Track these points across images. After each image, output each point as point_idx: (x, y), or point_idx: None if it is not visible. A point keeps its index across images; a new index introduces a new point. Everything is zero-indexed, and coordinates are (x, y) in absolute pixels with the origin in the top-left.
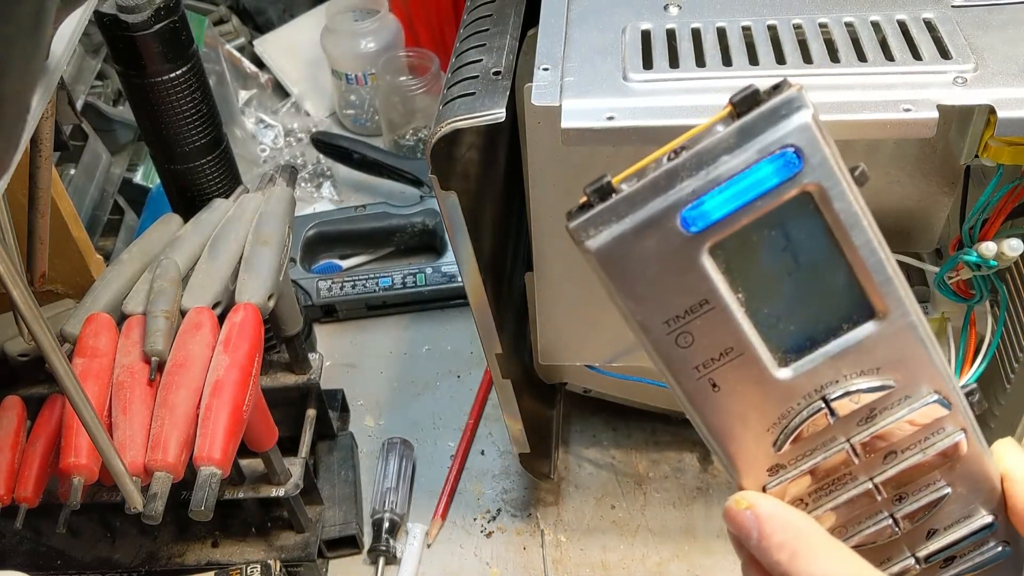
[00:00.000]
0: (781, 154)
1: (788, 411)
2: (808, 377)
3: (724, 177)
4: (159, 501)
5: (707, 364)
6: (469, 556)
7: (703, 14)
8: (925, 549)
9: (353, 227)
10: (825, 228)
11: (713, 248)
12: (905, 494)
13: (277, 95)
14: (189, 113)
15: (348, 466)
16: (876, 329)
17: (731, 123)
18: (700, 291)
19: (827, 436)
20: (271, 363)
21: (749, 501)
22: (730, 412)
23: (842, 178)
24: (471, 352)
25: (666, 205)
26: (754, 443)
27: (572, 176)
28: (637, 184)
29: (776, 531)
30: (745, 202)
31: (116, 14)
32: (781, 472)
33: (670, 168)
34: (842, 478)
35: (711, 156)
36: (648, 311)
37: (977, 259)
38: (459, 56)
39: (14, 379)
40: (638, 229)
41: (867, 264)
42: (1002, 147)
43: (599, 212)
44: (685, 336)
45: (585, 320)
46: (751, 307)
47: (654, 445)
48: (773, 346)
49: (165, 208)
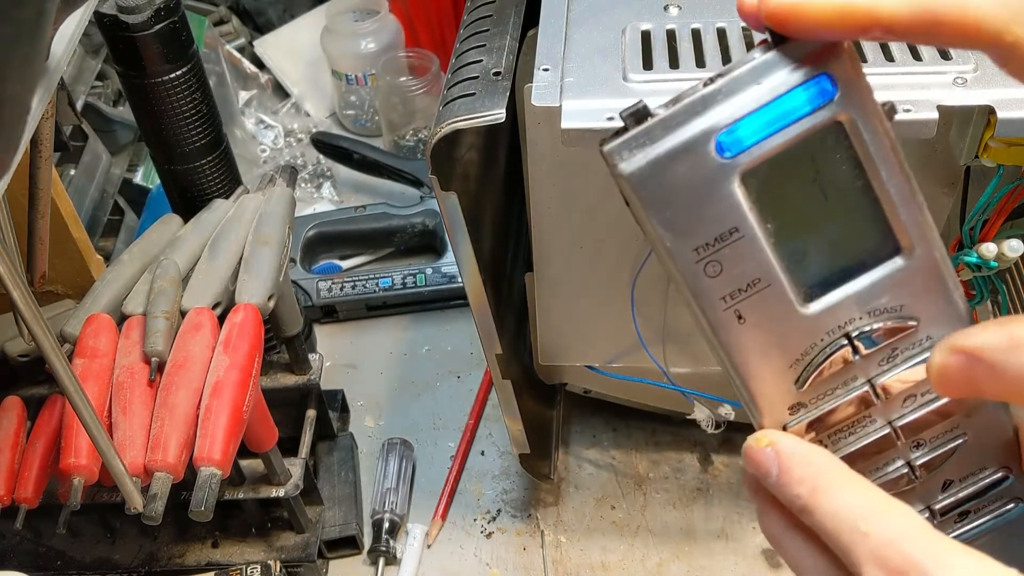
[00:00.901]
0: (816, 81)
1: (811, 347)
2: (833, 313)
3: (759, 103)
4: (159, 502)
5: (734, 295)
6: (469, 557)
7: (703, 15)
8: (940, 502)
9: (353, 228)
10: (855, 160)
11: (745, 175)
12: (922, 441)
13: (277, 96)
14: (189, 114)
15: (348, 467)
16: (901, 265)
17: (767, 51)
18: (730, 219)
19: (848, 375)
20: (271, 364)
21: (770, 438)
22: (754, 346)
23: (874, 111)
24: (471, 353)
25: (701, 129)
26: (777, 380)
27: (572, 177)
28: (673, 108)
29: (796, 466)
30: (778, 128)
31: (116, 15)
32: (802, 411)
33: (706, 93)
34: (861, 420)
35: (746, 82)
36: (678, 237)
37: (977, 260)
38: (459, 56)
39: (14, 379)
40: (672, 153)
41: (895, 198)
42: (1002, 148)
43: (634, 136)
44: (714, 265)
45: (585, 321)
46: (779, 238)
47: (654, 445)
48: (799, 280)
49: (165, 208)
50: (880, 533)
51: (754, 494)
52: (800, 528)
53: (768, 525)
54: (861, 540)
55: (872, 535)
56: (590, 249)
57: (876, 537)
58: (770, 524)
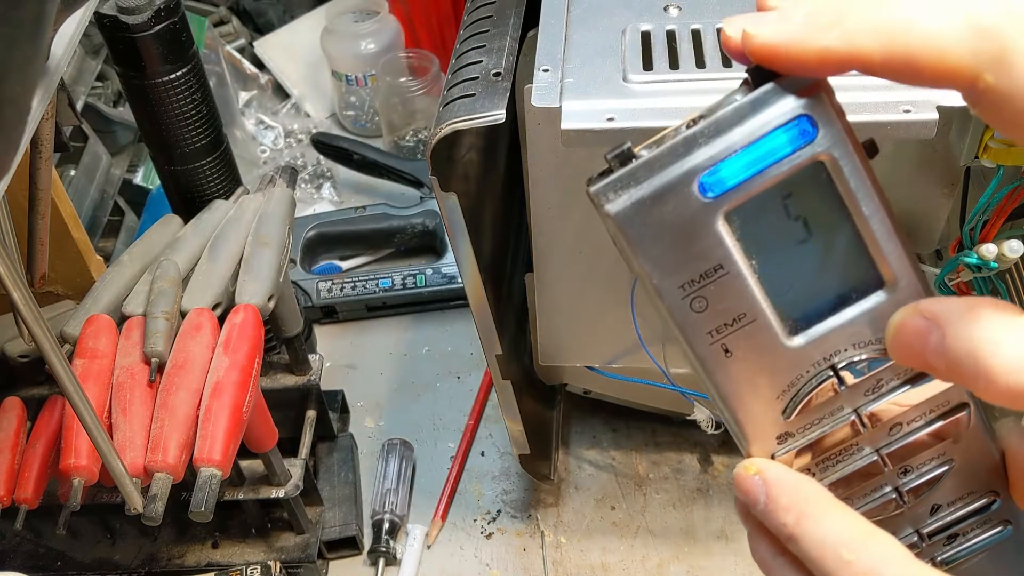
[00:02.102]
0: (797, 122)
1: (797, 378)
2: (817, 345)
3: (740, 144)
4: (159, 502)
5: (720, 329)
6: (469, 557)
7: (703, 15)
8: (929, 526)
9: (353, 228)
10: (836, 197)
11: (728, 214)
12: (910, 467)
13: (277, 96)
14: (189, 114)
15: (348, 467)
16: (885, 298)
17: (748, 93)
18: (715, 256)
19: (835, 405)
20: (271, 364)
21: (757, 467)
22: (741, 378)
23: (854, 149)
24: (471, 353)
25: (684, 171)
26: (764, 410)
27: (572, 177)
28: (656, 150)
29: (783, 494)
30: (760, 169)
31: (116, 15)
32: (789, 440)
33: (688, 135)
34: (848, 449)
35: (728, 124)
36: (665, 275)
37: (977, 261)
38: (459, 57)
39: (14, 380)
40: (656, 194)
41: (876, 234)
42: (1002, 148)
43: (619, 177)
44: (700, 301)
45: (585, 321)
46: (763, 274)
47: (654, 446)
48: (784, 313)
49: (165, 209)
50: (863, 561)
51: (744, 519)
52: (788, 555)
53: (758, 551)
54: (845, 568)
55: (855, 563)
56: (590, 249)
57: (858, 565)
58: (760, 550)
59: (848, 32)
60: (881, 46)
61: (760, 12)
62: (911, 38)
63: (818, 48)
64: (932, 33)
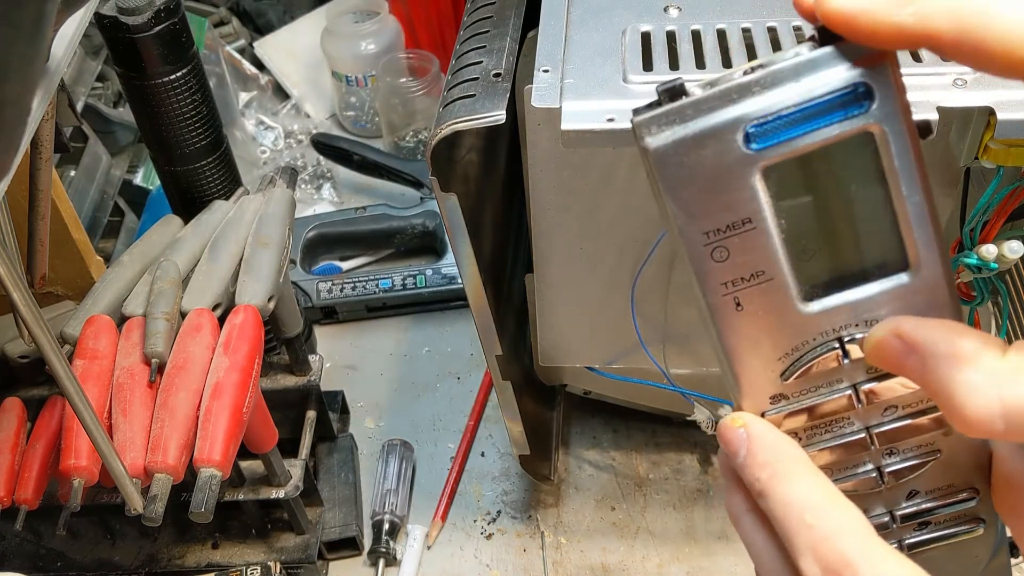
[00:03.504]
0: (855, 89)
1: (802, 344)
2: (829, 315)
3: (794, 101)
4: (159, 503)
5: (736, 282)
6: (469, 558)
7: (703, 16)
8: (903, 509)
9: (353, 229)
10: (879, 172)
11: (767, 169)
12: (896, 449)
13: (277, 97)
14: (189, 115)
15: (348, 468)
16: (906, 282)
17: (813, 50)
18: (745, 209)
19: (834, 377)
20: (271, 365)
21: (744, 420)
22: (747, 334)
23: (905, 126)
24: (471, 354)
25: (733, 117)
26: (763, 368)
27: (572, 178)
28: (709, 91)
29: (762, 451)
30: (809, 129)
31: (116, 16)
32: (782, 402)
33: (744, 82)
34: (839, 421)
35: (786, 78)
36: (691, 219)
37: (977, 261)
38: (459, 58)
39: (14, 381)
40: (700, 136)
41: (911, 215)
42: (1002, 149)
43: (666, 112)
44: (721, 251)
45: (585, 322)
46: (790, 236)
47: (654, 447)
48: (802, 278)
49: (165, 210)
50: (822, 527)
51: (724, 471)
52: (758, 512)
53: (731, 503)
54: (804, 531)
55: (815, 528)
56: (590, 250)
57: (818, 531)
58: (733, 502)
59: (924, 10)
60: (955, 29)
61: None
62: (985, 25)
63: (892, 23)
64: (1007, 23)
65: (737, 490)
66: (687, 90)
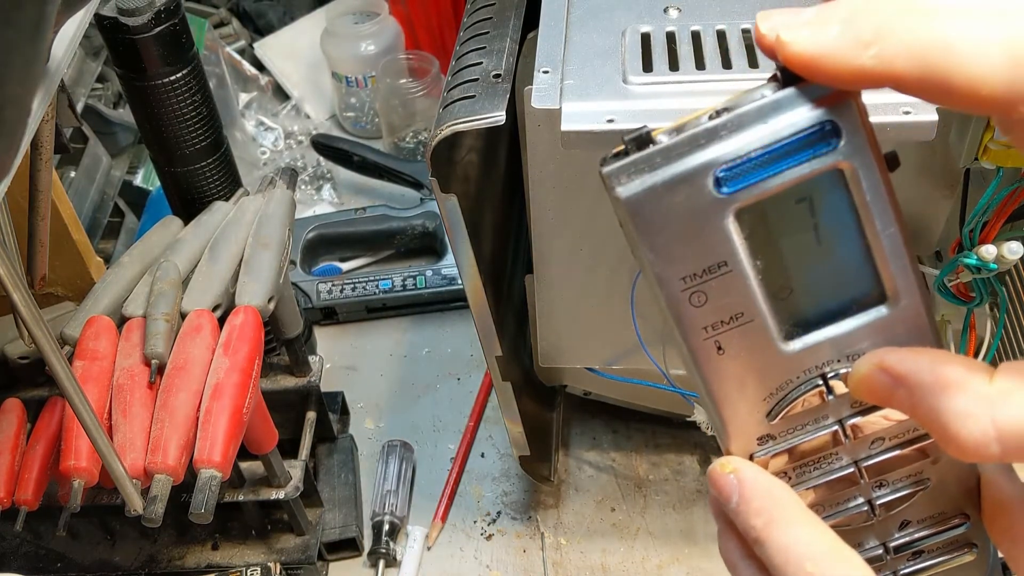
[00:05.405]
0: (822, 127)
1: (786, 383)
2: (811, 353)
3: (762, 143)
4: (159, 504)
5: (716, 326)
6: (469, 559)
7: (703, 17)
8: (895, 540)
9: (353, 230)
10: (851, 208)
11: (740, 212)
12: (885, 481)
13: (277, 98)
14: (189, 116)
15: (348, 469)
16: (885, 314)
17: (776, 91)
18: (721, 253)
19: (820, 414)
20: (271, 366)
21: (734, 466)
22: (731, 376)
23: (875, 161)
24: (471, 355)
25: (702, 162)
26: (748, 410)
27: (572, 179)
28: (676, 137)
29: (755, 497)
30: (778, 170)
31: (116, 17)
32: (770, 443)
33: (711, 127)
34: (827, 457)
35: (752, 120)
36: (667, 265)
37: (977, 262)
38: (459, 59)
39: (14, 381)
40: (670, 183)
41: (886, 249)
42: (1001, 150)
43: (634, 160)
44: (699, 295)
45: (585, 322)
46: (767, 276)
47: (654, 448)
48: (782, 318)
49: (165, 211)
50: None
51: (716, 516)
52: (755, 559)
53: (726, 548)
54: None
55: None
56: (590, 251)
57: None
58: (728, 549)
59: (886, 52)
60: (918, 69)
61: (795, 11)
62: (948, 64)
63: (854, 67)
64: (969, 60)
65: (731, 535)
66: (654, 138)
